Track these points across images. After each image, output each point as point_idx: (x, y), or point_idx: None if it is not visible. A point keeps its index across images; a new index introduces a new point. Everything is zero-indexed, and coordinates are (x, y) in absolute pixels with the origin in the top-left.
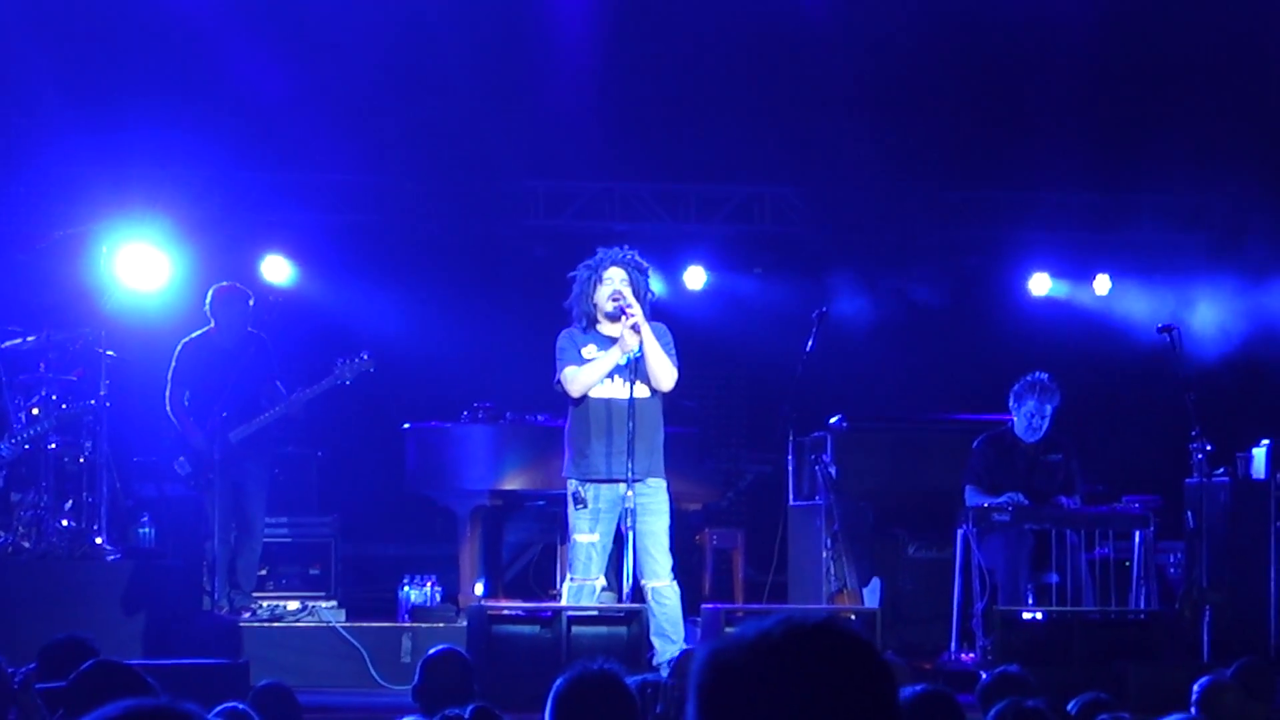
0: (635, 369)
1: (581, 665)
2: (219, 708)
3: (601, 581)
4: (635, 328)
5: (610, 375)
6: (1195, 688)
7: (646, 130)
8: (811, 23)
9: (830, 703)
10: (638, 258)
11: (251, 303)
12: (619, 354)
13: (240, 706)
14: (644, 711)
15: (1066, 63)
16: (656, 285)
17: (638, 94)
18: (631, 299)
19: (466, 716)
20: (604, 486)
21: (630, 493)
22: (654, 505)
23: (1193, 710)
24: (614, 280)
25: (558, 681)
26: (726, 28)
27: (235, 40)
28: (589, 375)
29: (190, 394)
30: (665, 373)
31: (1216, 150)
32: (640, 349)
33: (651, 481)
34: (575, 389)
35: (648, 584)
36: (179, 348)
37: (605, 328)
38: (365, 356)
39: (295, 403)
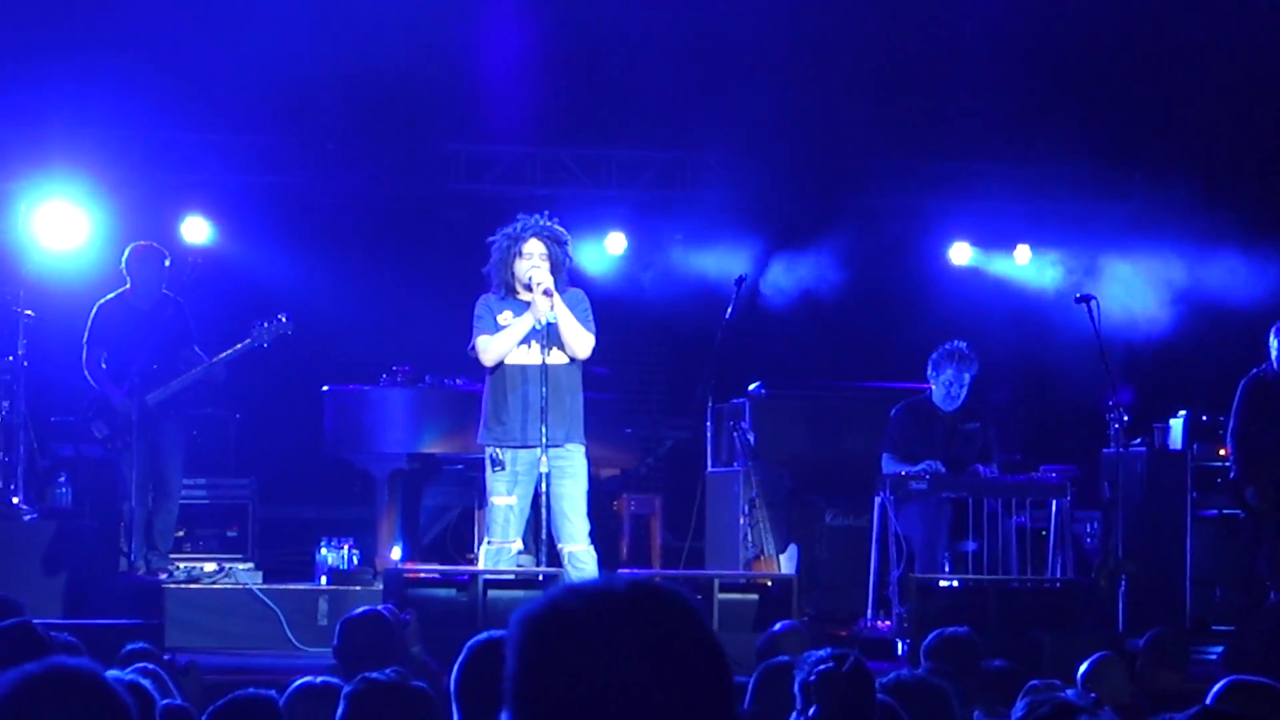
0: (549, 335)
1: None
2: (132, 666)
3: (518, 545)
4: (547, 292)
5: (526, 341)
6: (1084, 667)
7: (569, 95)
8: None
9: (658, 661)
10: (557, 228)
11: (168, 263)
12: (531, 320)
13: (150, 666)
14: None
15: (988, 31)
16: (577, 252)
17: (561, 58)
18: (545, 273)
19: (385, 679)
20: (521, 451)
21: (545, 458)
22: (571, 469)
23: (1079, 687)
24: (533, 255)
25: (470, 641)
26: None
27: None
28: (501, 344)
29: (107, 355)
30: (579, 340)
31: (1137, 121)
32: (554, 314)
33: (569, 446)
34: (488, 358)
35: (564, 548)
36: (95, 309)
37: (523, 294)
38: (283, 319)
39: (212, 366)
